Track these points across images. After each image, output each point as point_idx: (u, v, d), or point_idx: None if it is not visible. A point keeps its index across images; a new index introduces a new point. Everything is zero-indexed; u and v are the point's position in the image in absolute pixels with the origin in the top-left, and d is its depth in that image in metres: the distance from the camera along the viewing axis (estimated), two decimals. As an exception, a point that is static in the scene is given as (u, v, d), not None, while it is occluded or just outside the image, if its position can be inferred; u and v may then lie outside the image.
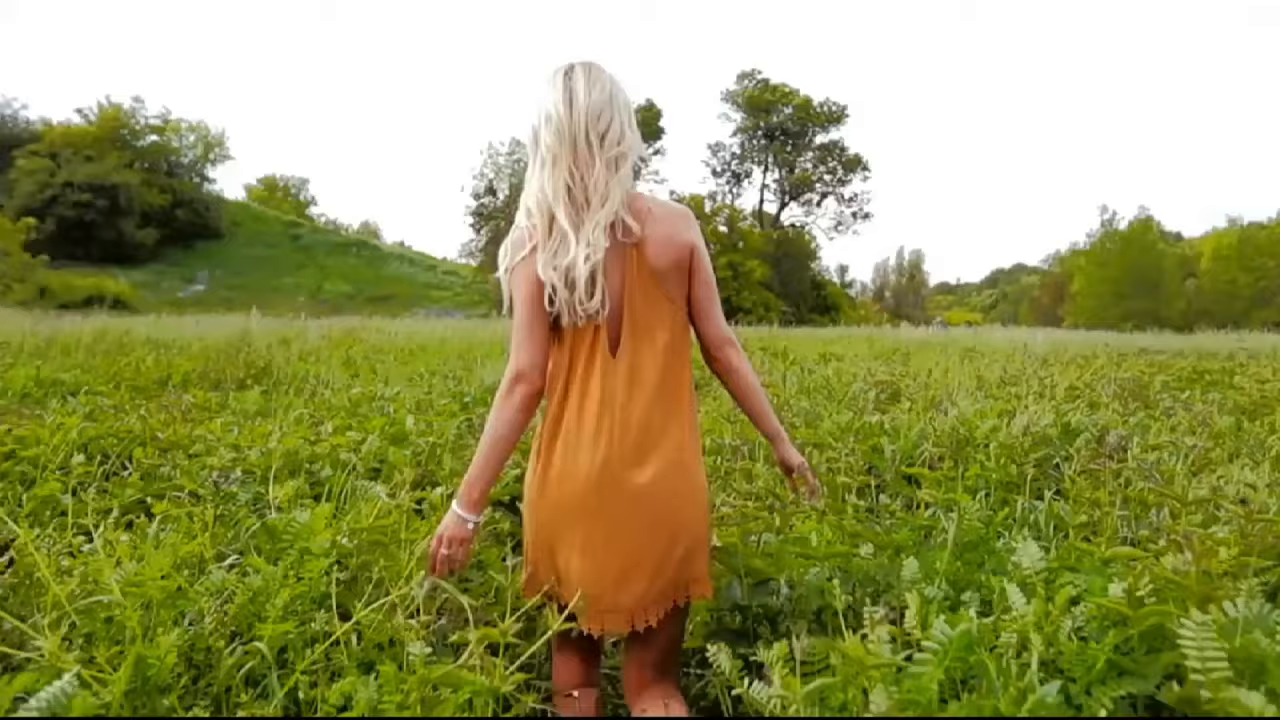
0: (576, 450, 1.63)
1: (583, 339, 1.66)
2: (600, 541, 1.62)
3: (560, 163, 1.62)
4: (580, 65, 1.68)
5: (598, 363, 1.66)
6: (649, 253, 1.66)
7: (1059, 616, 1.42)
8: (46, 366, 6.84)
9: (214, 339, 11.20)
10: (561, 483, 1.64)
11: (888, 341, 17.27)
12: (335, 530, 1.94)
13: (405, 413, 4.13)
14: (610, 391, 1.64)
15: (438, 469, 3.03)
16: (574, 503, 1.62)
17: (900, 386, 6.16)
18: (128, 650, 1.32)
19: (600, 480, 1.61)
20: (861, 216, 62.28)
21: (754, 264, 50.45)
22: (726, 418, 4.65)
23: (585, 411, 1.64)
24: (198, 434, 3.39)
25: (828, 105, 60.97)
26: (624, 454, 1.62)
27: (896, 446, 3.78)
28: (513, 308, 1.66)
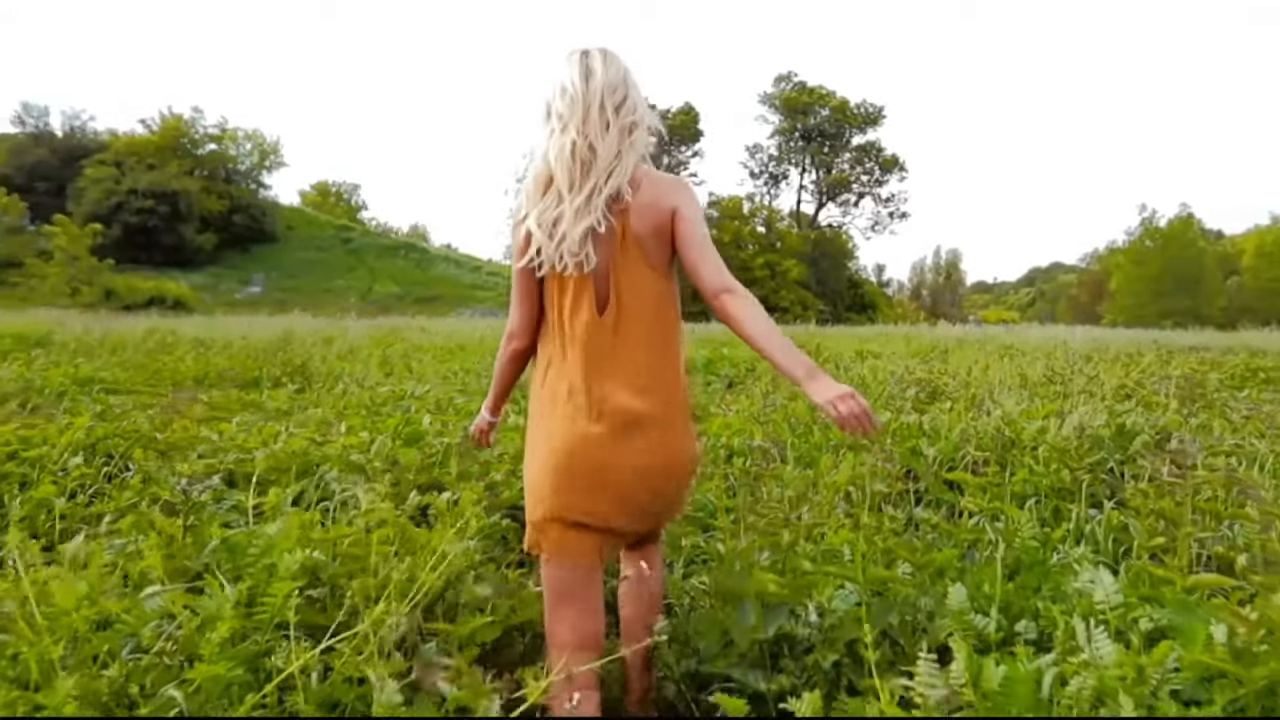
0: (567, 408, 1.71)
1: (571, 298, 1.72)
2: (596, 495, 1.70)
3: (569, 129, 1.69)
4: (596, 49, 1.76)
5: (584, 321, 1.71)
6: (632, 220, 1.70)
7: (1152, 670, 1.15)
8: (88, 365, 6.93)
9: (258, 339, 11.34)
10: (551, 440, 1.72)
11: (925, 339, 16.78)
12: (307, 545, 1.77)
13: (424, 412, 4.01)
14: (597, 349, 1.71)
15: (444, 473, 2.88)
16: (567, 458, 1.70)
17: (939, 385, 5.86)
18: (18, 701, 1.14)
19: (589, 437, 1.68)
20: (898, 216, 61.60)
21: (791, 264, 49.97)
22: (756, 418, 4.43)
23: (573, 368, 1.71)
24: (206, 435, 3.30)
25: (864, 106, 60.29)
26: (611, 412, 1.69)
27: (937, 449, 3.54)
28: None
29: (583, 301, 1.72)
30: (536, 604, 2.25)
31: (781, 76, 61.22)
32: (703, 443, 4.54)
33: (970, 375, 6.59)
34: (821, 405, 1.62)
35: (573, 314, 1.72)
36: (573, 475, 1.70)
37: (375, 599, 1.71)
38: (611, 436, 1.69)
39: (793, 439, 4.12)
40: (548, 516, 1.72)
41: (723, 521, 3.20)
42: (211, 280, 48.45)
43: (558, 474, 1.70)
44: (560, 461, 1.70)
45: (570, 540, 1.72)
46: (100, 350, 9.00)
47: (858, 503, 3.27)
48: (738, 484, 3.79)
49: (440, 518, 2.68)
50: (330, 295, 45.59)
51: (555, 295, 1.74)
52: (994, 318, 60.43)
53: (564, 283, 1.72)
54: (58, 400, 5.81)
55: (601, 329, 1.71)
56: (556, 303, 1.75)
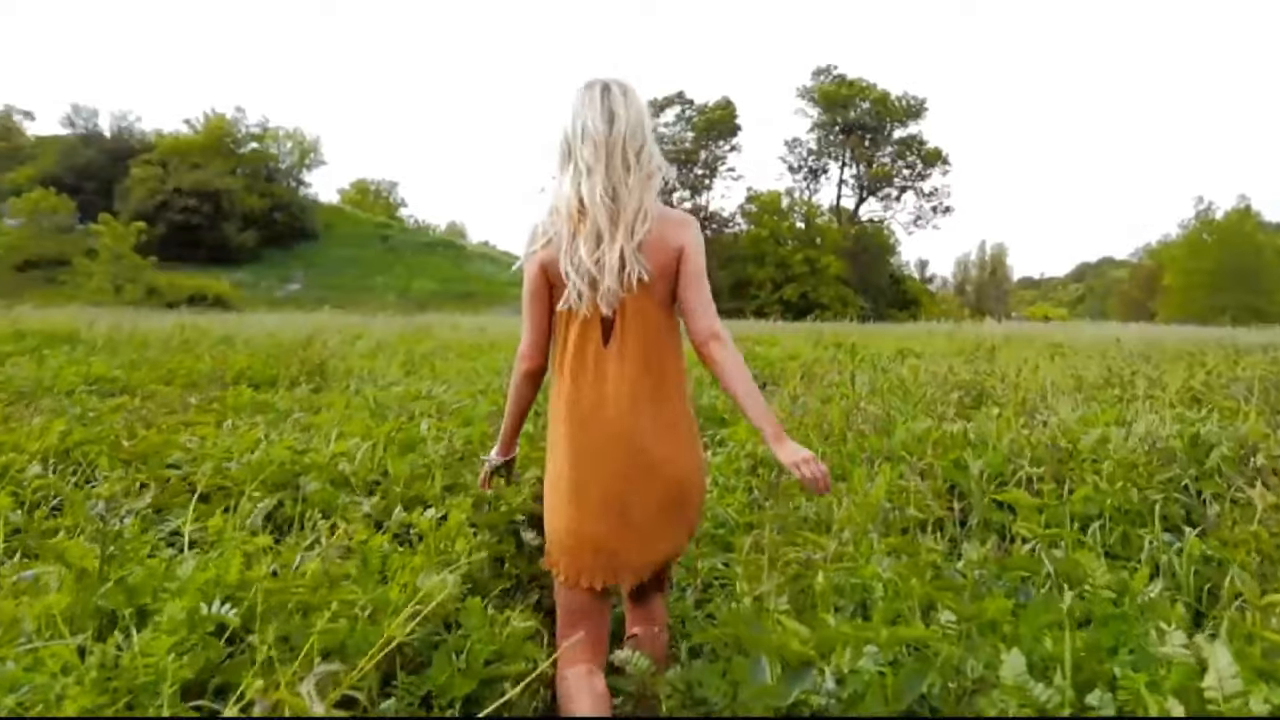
0: (575, 431, 1.82)
1: (579, 329, 1.82)
2: (613, 514, 1.80)
3: (595, 174, 1.76)
4: (615, 84, 1.83)
5: (592, 350, 1.82)
6: (642, 257, 1.79)
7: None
8: (102, 363, 6.82)
9: (285, 336, 11.26)
10: (559, 463, 1.85)
11: (969, 337, 16.20)
12: (222, 586, 1.49)
13: (423, 416, 3.75)
14: (601, 377, 1.81)
15: (427, 488, 2.60)
16: (579, 481, 1.81)
17: (985, 387, 5.46)
18: None
19: (597, 464, 1.80)
20: (942, 210, 60.09)
21: (830, 259, 49.18)
22: (782, 425, 4.10)
23: (581, 395, 1.82)
24: (180, 441, 3.06)
25: (906, 99, 59.03)
26: (616, 436, 1.80)
27: (983, 462, 3.17)
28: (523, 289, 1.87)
29: (591, 333, 1.82)
30: (526, 647, 1.97)
31: (820, 69, 60.32)
32: (725, 451, 4.22)
33: (1019, 377, 6.17)
34: (787, 465, 1.82)
35: (580, 344, 1.82)
36: (581, 500, 1.81)
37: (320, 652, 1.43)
38: (620, 463, 1.80)
39: (823, 448, 3.78)
40: (563, 540, 1.86)
41: (740, 542, 2.89)
42: (252, 278, 49.20)
43: (568, 498, 1.83)
44: (569, 486, 1.83)
45: (585, 564, 1.84)
46: (125, 348, 8.95)
47: (893, 523, 2.93)
48: (761, 498, 3.47)
49: (424, 539, 2.41)
50: (368, 292, 46.02)
51: (564, 325, 1.85)
52: (1040, 314, 58.89)
53: (576, 317, 1.82)
54: (68, 398, 5.69)
55: (605, 359, 1.82)
56: (565, 332, 1.85)
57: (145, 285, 37.82)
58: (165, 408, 4.30)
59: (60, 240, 44.66)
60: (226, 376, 6.98)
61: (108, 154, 54.63)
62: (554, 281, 1.83)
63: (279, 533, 2.57)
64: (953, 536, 2.87)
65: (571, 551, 1.85)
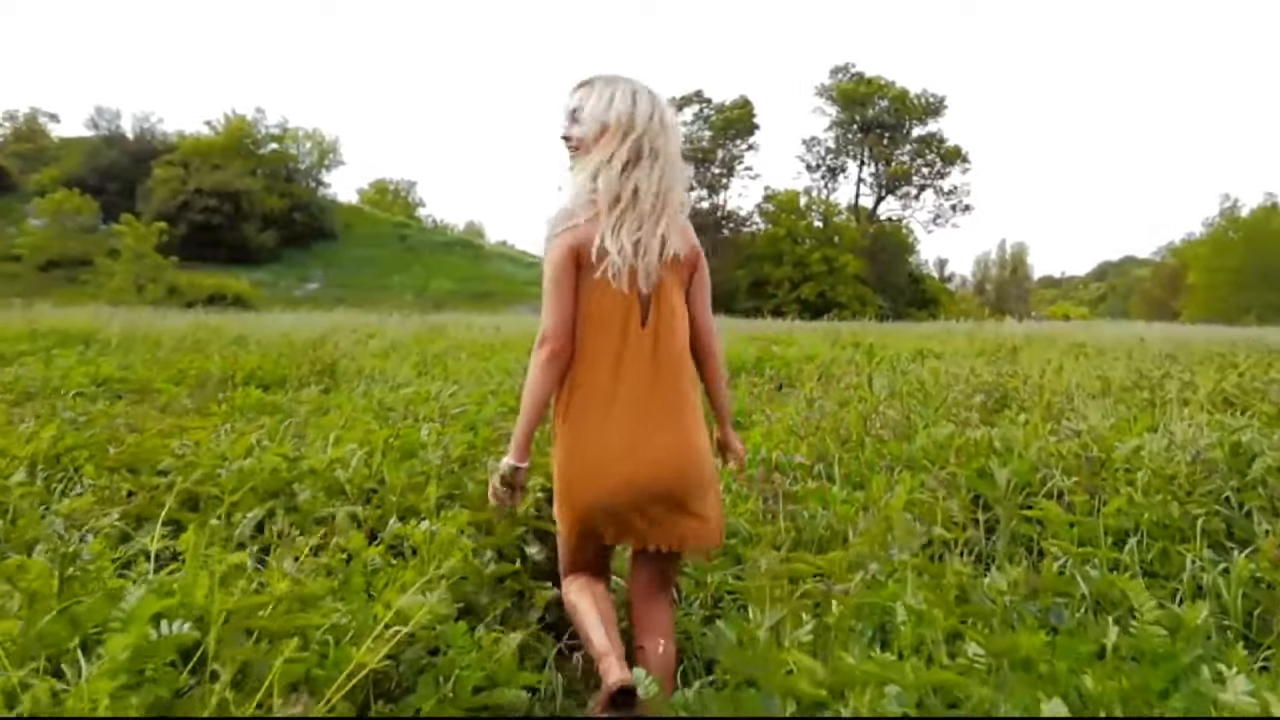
0: (609, 411, 1.85)
1: (618, 309, 1.87)
2: (632, 495, 1.85)
3: (655, 166, 1.89)
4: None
5: (631, 332, 1.87)
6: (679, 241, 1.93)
7: None
8: (111, 363, 6.77)
9: (299, 336, 11.22)
10: (600, 441, 1.86)
11: (989, 337, 15.91)
12: (189, 609, 1.37)
13: (426, 420, 3.63)
14: (638, 359, 1.87)
15: (422, 499, 2.48)
16: (611, 459, 1.84)
17: (1008, 390, 5.26)
18: None
19: (633, 440, 1.84)
20: (961, 209, 59.16)
21: (848, 258, 48.71)
22: (797, 430, 3.95)
23: (618, 378, 1.86)
24: (174, 446, 2.96)
25: (925, 96, 58.27)
26: (651, 416, 1.86)
27: (1010, 470, 3.01)
28: (545, 272, 1.87)
29: (632, 315, 1.87)
30: (518, 676, 1.85)
31: (838, 67, 59.75)
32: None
33: (1043, 378, 5.97)
34: (732, 453, 2.18)
35: (624, 326, 1.87)
36: (604, 474, 1.85)
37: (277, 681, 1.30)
38: (640, 438, 1.85)
39: (840, 454, 3.63)
40: (577, 511, 1.90)
41: (752, 555, 2.75)
42: (272, 277, 49.50)
43: (584, 479, 1.87)
44: (591, 464, 1.87)
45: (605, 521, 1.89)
46: (138, 347, 8.92)
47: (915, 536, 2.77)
48: (776, 506, 3.32)
49: (417, 553, 2.29)
50: (386, 292, 46.14)
51: (600, 307, 1.87)
52: (1060, 313, 58.08)
53: (614, 297, 1.86)
54: (73, 399, 5.64)
55: (643, 342, 1.88)
56: (601, 314, 1.87)
57: (166, 285, 38.11)
58: (167, 410, 4.21)
59: (84, 240, 45.14)
60: (236, 377, 6.92)
61: (130, 155, 55.21)
62: (583, 263, 1.85)
63: (271, 545, 2.47)
64: (978, 552, 2.71)
65: (594, 509, 1.88)
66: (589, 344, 1.87)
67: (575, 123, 1.96)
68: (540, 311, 1.88)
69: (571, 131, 1.97)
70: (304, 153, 61.60)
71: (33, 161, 57.30)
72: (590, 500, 1.87)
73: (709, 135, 56.32)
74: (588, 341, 1.87)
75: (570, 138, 1.98)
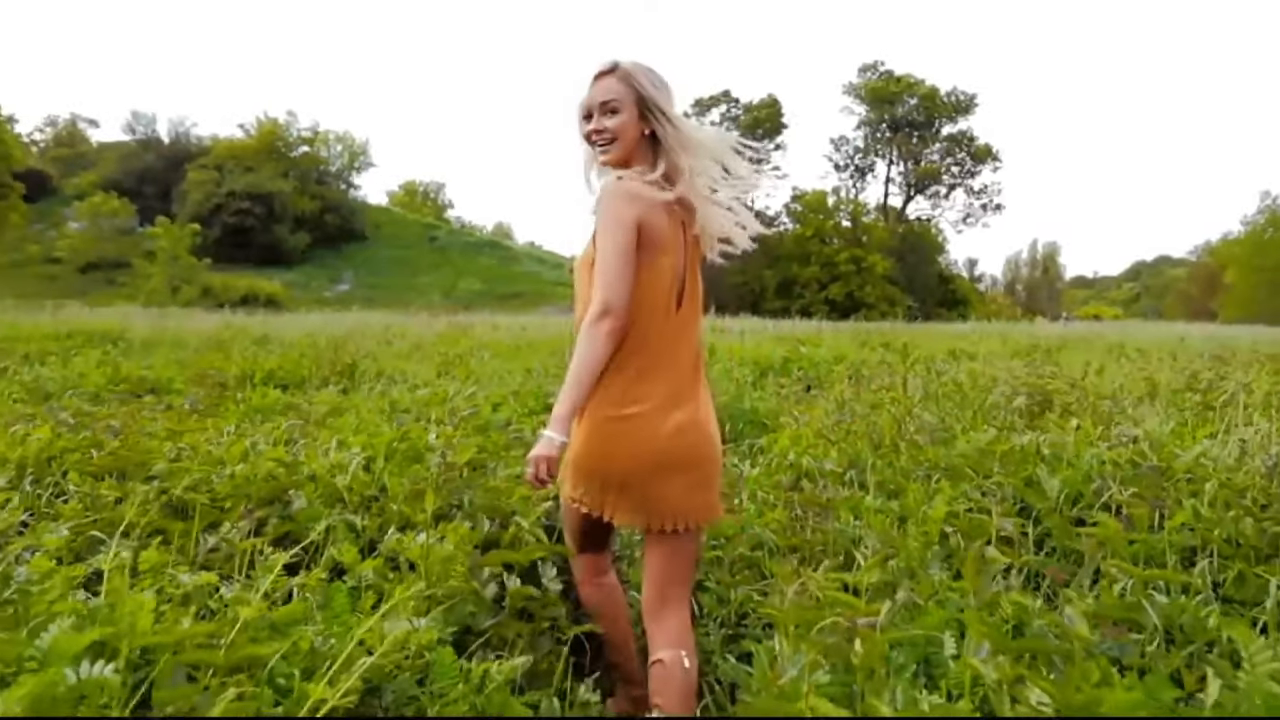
0: (653, 390, 1.85)
1: (670, 290, 1.88)
2: (676, 464, 1.86)
3: (712, 157, 1.95)
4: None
5: (672, 313, 1.89)
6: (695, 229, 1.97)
7: None
8: (130, 364, 6.72)
9: (324, 336, 11.17)
10: (645, 420, 1.84)
11: (1023, 337, 15.49)
12: (136, 638, 1.20)
13: (437, 423, 3.47)
14: (677, 340, 1.90)
15: (419, 510, 2.30)
16: (657, 435, 1.84)
17: (1051, 392, 4.99)
18: None
19: (675, 419, 1.86)
20: (992, 208, 58.30)
21: (876, 259, 48.13)
22: (828, 434, 3.73)
23: (661, 356, 1.87)
24: (169, 448, 2.82)
25: (955, 95, 57.34)
26: (683, 392, 1.89)
27: (1060, 480, 2.77)
28: (606, 241, 1.78)
29: (673, 294, 1.89)
30: (511, 706, 1.66)
31: (867, 65, 59.04)
32: (765, 461, 3.86)
33: (1086, 380, 5.68)
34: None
35: (668, 307, 1.88)
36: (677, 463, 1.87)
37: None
38: (684, 406, 1.89)
39: (873, 459, 3.40)
40: (619, 482, 1.87)
41: (779, 569, 2.54)
42: (303, 278, 50.06)
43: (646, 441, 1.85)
44: (637, 442, 1.84)
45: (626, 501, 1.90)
46: (161, 348, 8.91)
47: (956, 551, 2.55)
48: (804, 516, 3.11)
49: (415, 567, 2.12)
50: (415, 292, 46.44)
51: (654, 288, 1.85)
52: (1090, 313, 56.87)
53: (666, 277, 1.87)
54: (92, 400, 5.57)
55: (682, 321, 1.92)
56: (654, 294, 1.85)
57: (200, 286, 38.69)
58: (177, 411, 4.10)
59: (120, 243, 46.01)
60: (255, 377, 6.85)
61: (166, 159, 56.19)
62: (644, 240, 1.81)
63: (254, 558, 2.31)
64: (1027, 570, 2.47)
65: (619, 489, 1.87)
66: (639, 324, 1.84)
67: (610, 113, 1.89)
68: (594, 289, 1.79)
69: (606, 123, 1.89)
70: (335, 155, 62.32)
71: (73, 166, 58.56)
72: (627, 475, 1.86)
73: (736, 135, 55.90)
74: (639, 321, 1.84)
75: (604, 129, 1.90)
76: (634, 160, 1.92)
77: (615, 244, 1.76)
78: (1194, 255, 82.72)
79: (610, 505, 1.89)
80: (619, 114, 1.88)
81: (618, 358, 1.83)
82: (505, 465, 3.00)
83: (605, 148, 1.91)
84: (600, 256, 1.78)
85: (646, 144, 1.92)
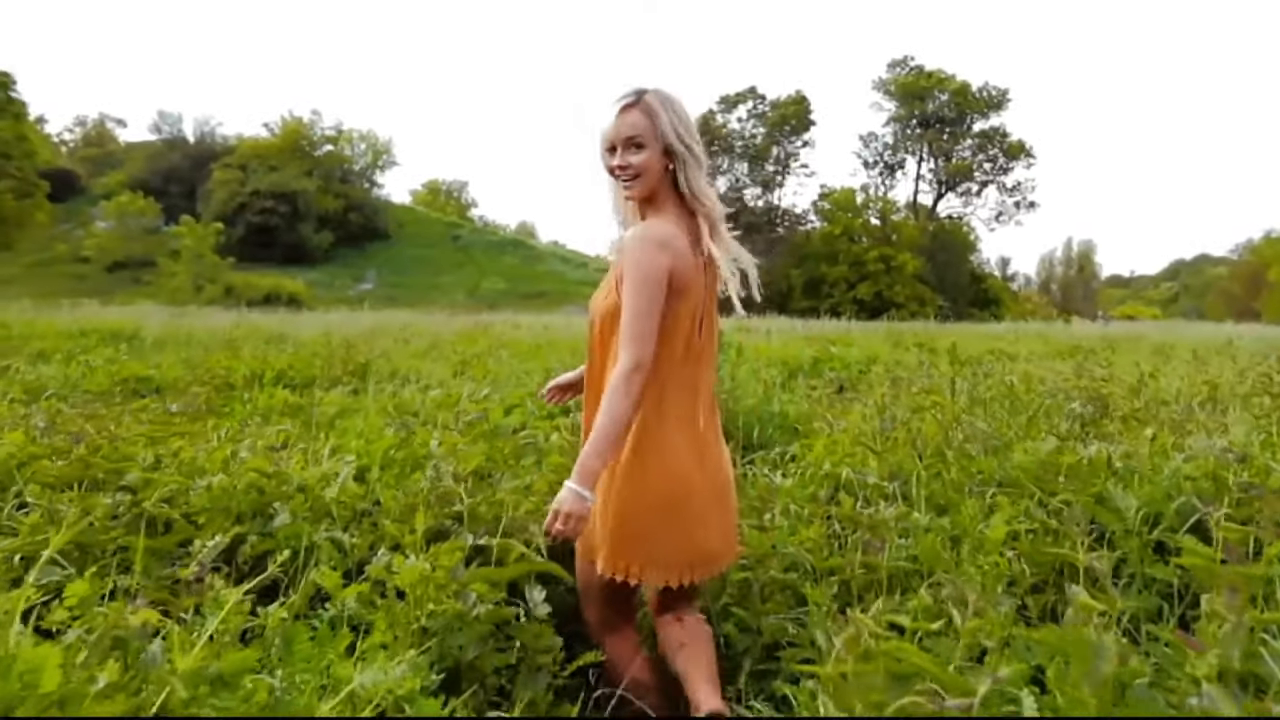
0: (693, 435, 1.89)
1: (689, 332, 1.88)
2: (715, 509, 1.93)
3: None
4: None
5: (693, 353, 1.90)
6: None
7: None
8: (137, 363, 6.55)
9: (340, 335, 11.00)
10: (696, 465, 1.88)
11: (1063, 338, 15.00)
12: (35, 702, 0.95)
13: (443, 429, 3.20)
14: (698, 380, 1.92)
15: (406, 531, 2.02)
16: (703, 480, 1.89)
17: (1106, 396, 4.63)
18: None
19: (712, 459, 1.94)
20: (1025, 206, 57.21)
21: (906, 257, 47.42)
22: (870, 443, 3.42)
23: (696, 400, 1.91)
24: (148, 454, 2.58)
25: (987, 90, 56.36)
26: (715, 436, 1.99)
27: (1138, 498, 2.44)
28: (638, 295, 1.75)
29: (693, 336, 1.89)
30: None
31: (896, 61, 58.25)
32: (799, 471, 3.55)
33: (1141, 384, 5.31)
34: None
35: (687, 350, 1.88)
36: (714, 497, 1.93)
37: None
38: (715, 458, 1.95)
39: (919, 470, 3.08)
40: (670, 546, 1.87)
41: (818, 598, 2.25)
42: (326, 277, 50.30)
43: (702, 498, 1.89)
44: (700, 486, 1.89)
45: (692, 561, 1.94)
46: (173, 346, 8.77)
47: (1021, 579, 2.24)
48: (843, 535, 2.80)
49: (413, 590, 1.85)
50: (438, 291, 46.50)
51: (685, 332, 1.86)
52: (1128, 313, 55.71)
53: (694, 321, 1.87)
54: (98, 399, 5.39)
55: (705, 362, 1.94)
56: (684, 339, 1.87)
57: (224, 285, 38.95)
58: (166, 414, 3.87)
59: (147, 242, 46.49)
60: (266, 377, 6.65)
61: (191, 158, 56.76)
62: (675, 286, 1.79)
63: (231, 578, 2.05)
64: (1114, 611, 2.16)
65: (702, 557, 1.91)
66: (676, 371, 1.86)
67: (637, 149, 1.84)
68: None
69: (630, 160, 1.84)
70: (358, 154, 62.60)
71: (101, 166, 59.39)
72: (700, 546, 1.89)
73: (763, 132, 55.44)
74: (675, 368, 1.86)
75: (629, 165, 1.84)
76: (658, 195, 1.88)
77: (648, 299, 1.75)
78: (1235, 253, 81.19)
79: (691, 569, 1.91)
80: (643, 150, 1.83)
81: (662, 406, 1.85)
82: (513, 475, 2.73)
83: (629, 184, 1.86)
84: (630, 310, 1.75)
85: (670, 179, 1.87)
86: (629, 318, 1.74)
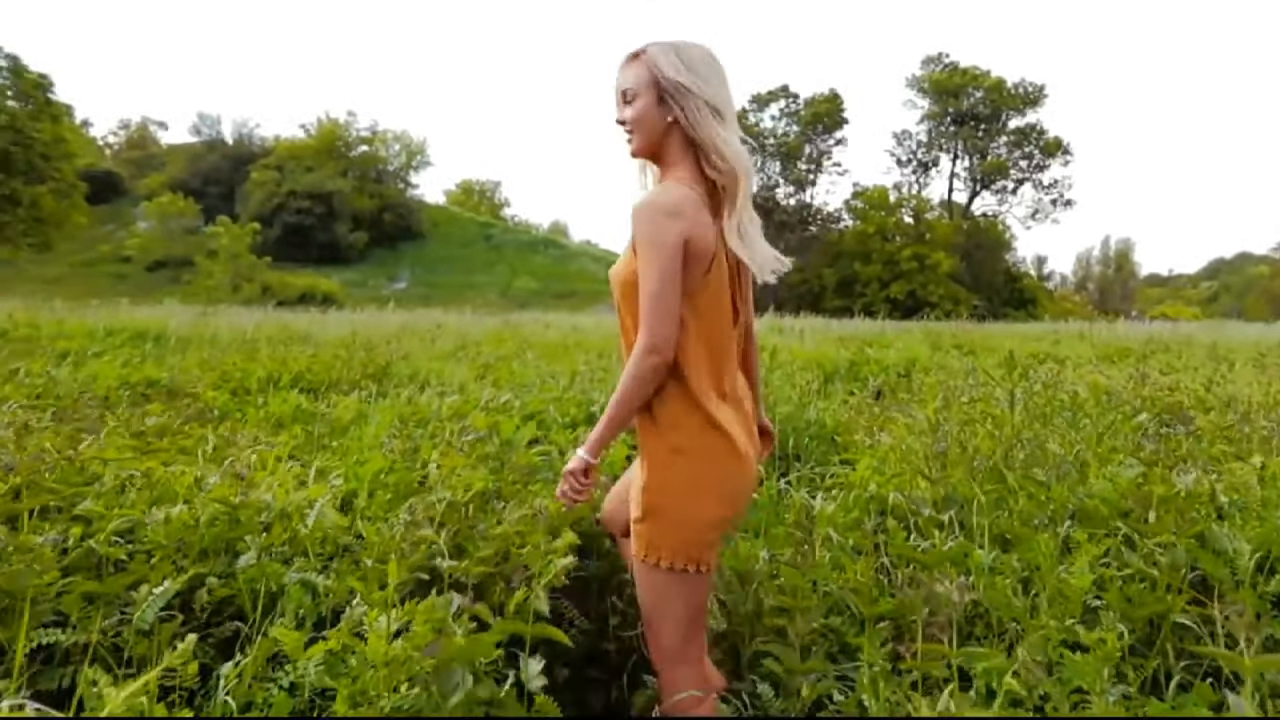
0: (734, 417, 1.76)
1: (724, 309, 1.75)
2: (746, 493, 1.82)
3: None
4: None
5: (730, 332, 1.79)
6: None
7: None
8: (151, 366, 6.37)
9: (365, 336, 10.81)
10: (741, 450, 1.74)
11: (1107, 339, 14.36)
12: None
13: (449, 446, 2.90)
14: (733, 361, 1.82)
15: (373, 587, 1.72)
16: (746, 462, 1.77)
17: (1177, 407, 4.20)
18: None
19: (748, 446, 1.79)
20: (1062, 204, 55.61)
21: (940, 256, 46.45)
22: (922, 465, 3.05)
23: (734, 381, 1.81)
24: (111, 476, 2.31)
25: (1023, 86, 55.02)
26: (750, 415, 1.88)
27: (1249, 539, 2.06)
28: (651, 273, 1.63)
29: (728, 312, 1.78)
30: None
31: (930, 58, 57.22)
32: (841, 495, 3.20)
33: (1210, 392, 4.86)
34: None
35: (724, 324, 1.76)
36: (746, 477, 1.79)
37: None
38: (749, 438, 1.81)
39: (979, 495, 2.71)
40: (724, 520, 1.75)
41: (869, 655, 1.91)
42: (361, 276, 50.68)
43: (741, 477, 1.76)
44: (739, 465, 1.75)
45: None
46: (195, 347, 8.63)
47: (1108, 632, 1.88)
48: (894, 570, 2.45)
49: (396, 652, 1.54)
50: (471, 290, 46.59)
51: (713, 308, 1.73)
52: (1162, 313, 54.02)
53: (722, 295, 1.75)
54: (102, 403, 5.19)
55: (733, 340, 1.82)
56: (714, 315, 1.74)
57: (260, 284, 39.36)
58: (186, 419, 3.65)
59: (186, 242, 47.22)
60: (282, 380, 6.43)
61: (230, 159, 57.58)
62: (689, 258, 1.65)
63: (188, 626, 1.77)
64: (1208, 668, 1.79)
65: (716, 533, 1.76)
66: (705, 347, 1.72)
67: (632, 101, 1.76)
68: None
69: (625, 113, 1.77)
70: (393, 154, 63.05)
71: (143, 167, 60.49)
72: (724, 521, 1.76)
73: (796, 130, 54.72)
74: (702, 344, 1.72)
75: (624, 120, 1.77)
76: (668, 153, 1.75)
77: (661, 272, 1.61)
78: (1278, 252, 78.85)
79: (713, 545, 1.78)
80: (636, 100, 1.73)
81: (696, 385, 1.71)
82: (520, 504, 2.41)
83: (628, 139, 1.78)
84: (644, 285, 1.63)
85: (678, 134, 1.72)
86: (643, 299, 1.63)
